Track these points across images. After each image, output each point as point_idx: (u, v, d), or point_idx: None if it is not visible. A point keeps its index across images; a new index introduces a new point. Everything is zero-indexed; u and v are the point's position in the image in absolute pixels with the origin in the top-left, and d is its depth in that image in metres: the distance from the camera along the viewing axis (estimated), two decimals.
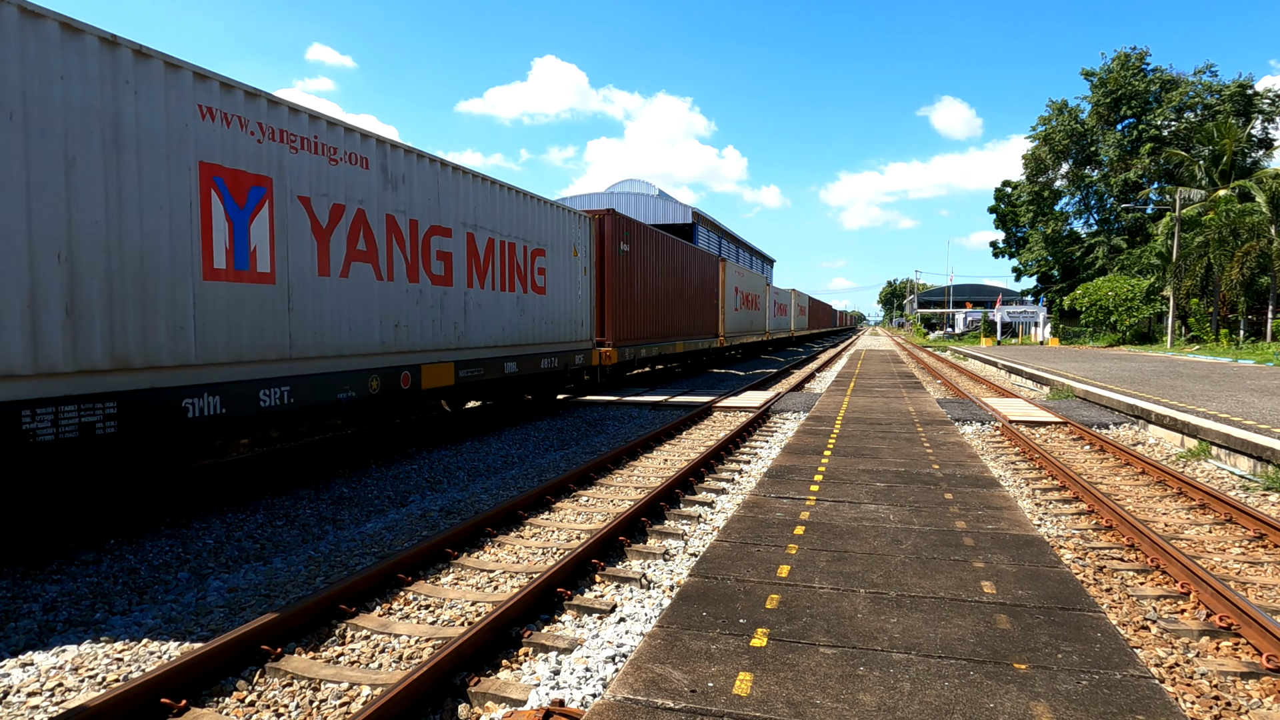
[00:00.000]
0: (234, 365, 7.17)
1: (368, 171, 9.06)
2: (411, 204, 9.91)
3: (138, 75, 6.30)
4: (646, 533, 6.72)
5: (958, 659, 3.48)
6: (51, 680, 4.13)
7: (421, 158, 10.17)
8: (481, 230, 11.59)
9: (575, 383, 15.88)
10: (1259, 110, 50.81)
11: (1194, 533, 6.90)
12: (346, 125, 8.77)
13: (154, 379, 6.36)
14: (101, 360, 5.93)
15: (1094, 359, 28.79)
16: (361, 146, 8.97)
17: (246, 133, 7.36)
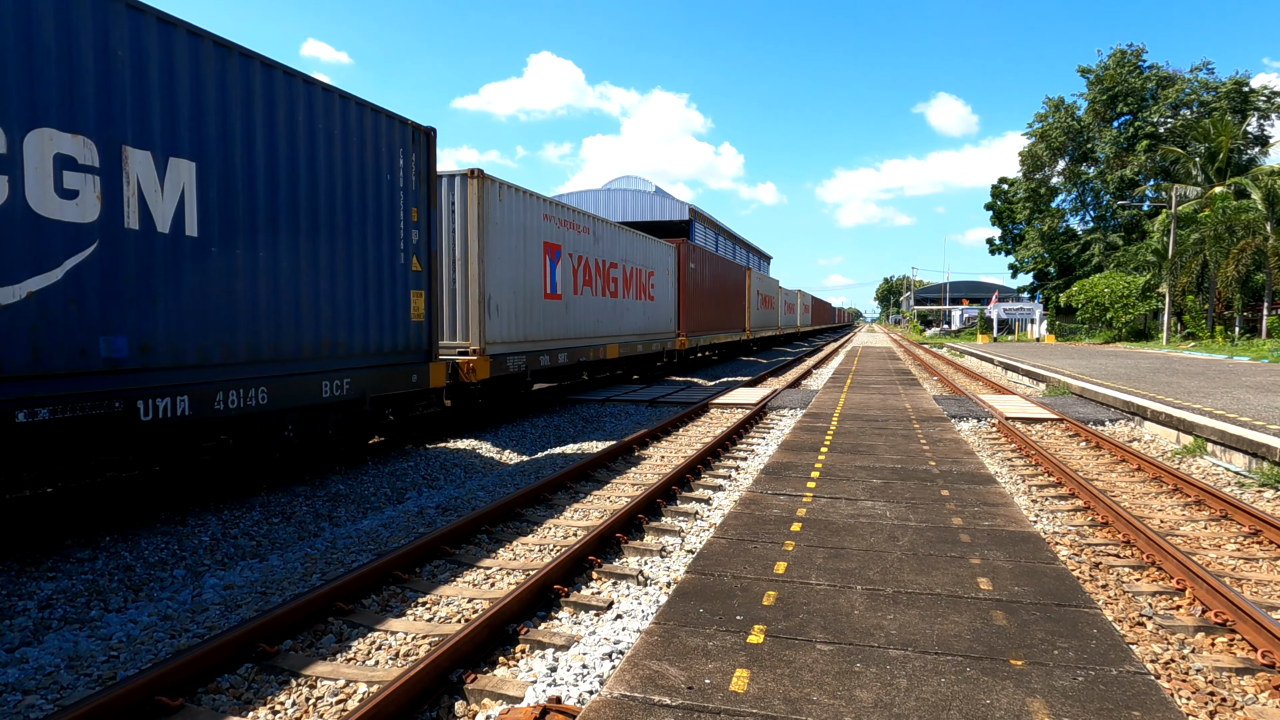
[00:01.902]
0: (548, 339, 14.03)
1: (588, 235, 16.12)
2: (602, 251, 16.90)
3: (529, 205, 13.29)
4: (644, 529, 6.72)
5: (954, 655, 3.49)
6: (46, 678, 4.12)
7: (607, 222, 17.41)
8: (627, 262, 18.64)
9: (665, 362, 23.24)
10: (1255, 107, 50.88)
11: (1189, 529, 6.92)
12: (581, 211, 15.81)
13: (530, 347, 13.20)
14: (514, 335, 12.70)
15: (1090, 356, 28.85)
16: (585, 221, 15.99)
17: (554, 223, 14.37)
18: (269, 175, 7.36)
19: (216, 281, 6.82)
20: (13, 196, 5.23)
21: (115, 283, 5.95)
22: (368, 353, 8.76)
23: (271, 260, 7.43)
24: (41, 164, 5.40)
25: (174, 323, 6.44)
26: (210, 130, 6.73)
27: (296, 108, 7.67)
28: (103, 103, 5.82)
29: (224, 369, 6.90)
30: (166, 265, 6.37)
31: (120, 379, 6.00)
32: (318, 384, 7.96)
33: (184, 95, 6.48)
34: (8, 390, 5.20)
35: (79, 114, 5.67)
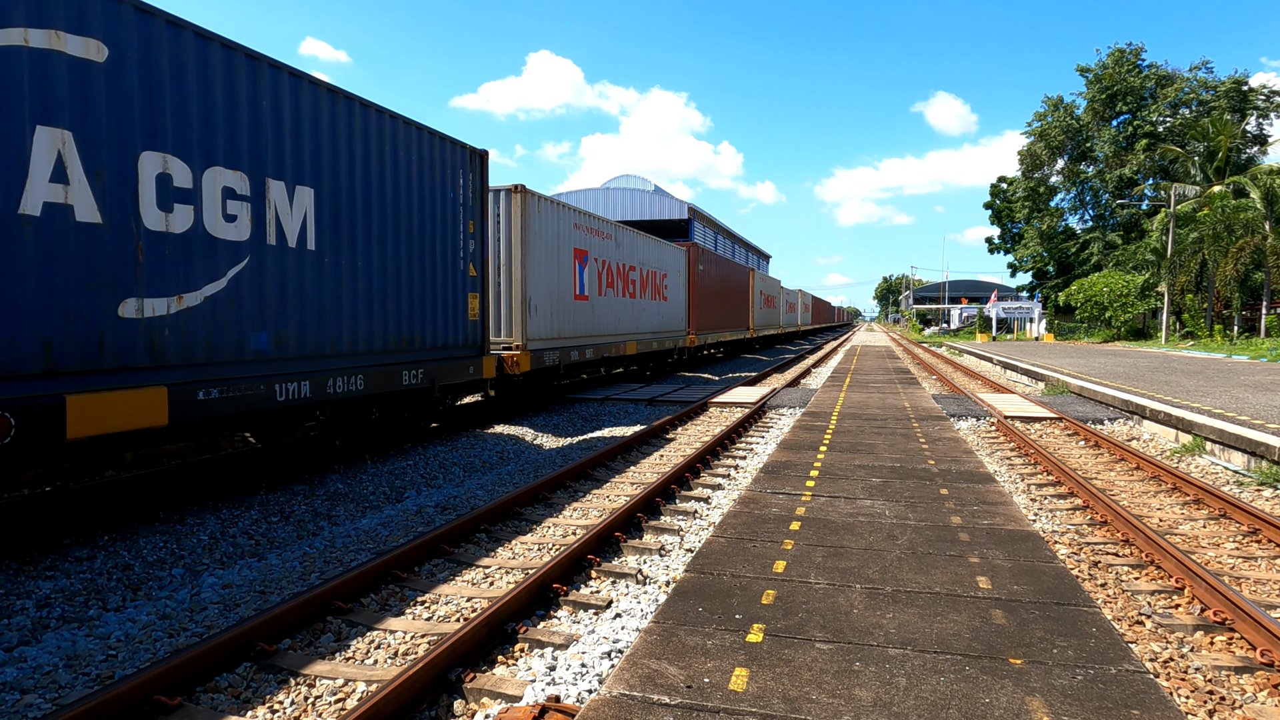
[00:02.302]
0: (577, 337, 15.34)
1: (610, 241, 17.46)
2: (622, 255, 18.28)
3: (561, 215, 14.57)
4: (643, 528, 6.72)
5: (953, 654, 3.49)
6: (45, 677, 4.12)
7: (626, 229, 18.74)
8: (644, 265, 19.97)
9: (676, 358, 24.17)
10: (1254, 107, 50.90)
11: (1188, 528, 6.92)
12: (604, 219, 17.21)
13: (563, 343, 14.49)
14: (552, 333, 14.08)
15: (1089, 354, 28.87)
16: (608, 228, 17.46)
17: (581, 231, 15.70)
18: (364, 197, 8.70)
19: (329, 287, 8.16)
20: (196, 221, 6.60)
21: (261, 288, 7.26)
22: (435, 347, 10.09)
23: (366, 268, 8.75)
24: (213, 194, 6.76)
25: (299, 321, 7.75)
26: (324, 161, 8.06)
27: (384, 138, 8.99)
28: (252, 144, 7.14)
29: (333, 359, 8.25)
30: (295, 273, 7.69)
31: (263, 367, 7.31)
32: (399, 373, 9.23)
33: (306, 133, 7.80)
34: (192, 374, 6.58)
35: (237, 154, 7.00)
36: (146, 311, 6.19)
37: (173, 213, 6.40)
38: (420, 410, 10.29)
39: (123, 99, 5.97)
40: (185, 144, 6.50)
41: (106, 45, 5.83)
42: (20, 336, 5.32)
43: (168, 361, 6.36)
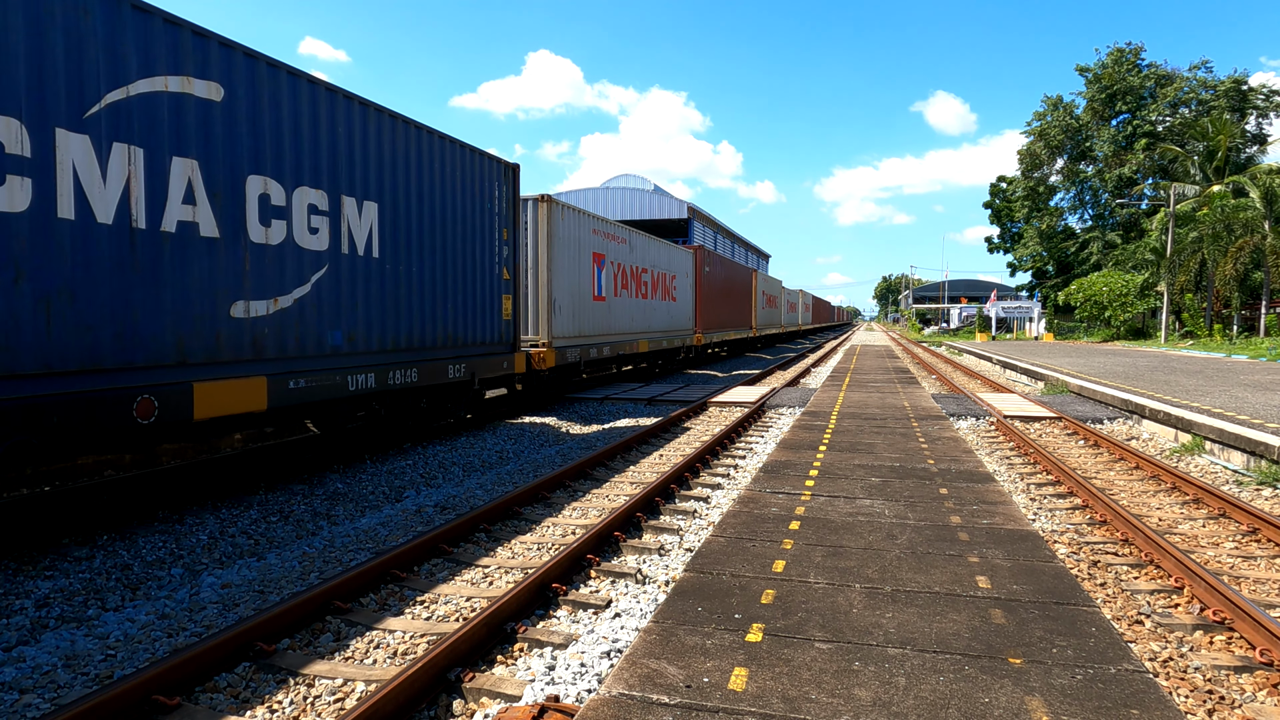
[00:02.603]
0: (596, 335, 16.26)
1: (625, 245, 18.49)
2: (635, 258, 19.29)
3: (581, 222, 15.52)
4: (642, 528, 6.71)
5: (953, 654, 3.48)
6: (44, 677, 4.11)
7: (638, 233, 19.73)
8: (655, 267, 21.03)
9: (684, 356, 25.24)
10: (1253, 106, 50.89)
11: (1188, 527, 6.92)
12: (619, 224, 18.24)
13: (583, 341, 15.38)
14: (573, 331, 15.00)
15: (1088, 354, 28.87)
16: (622, 233, 18.42)
17: (599, 236, 16.72)
18: (418, 209, 9.74)
19: (389, 290, 9.22)
20: (288, 234, 7.67)
21: (336, 292, 8.34)
22: (475, 344, 11.16)
23: (419, 273, 9.79)
24: (301, 210, 7.81)
25: (366, 320, 8.82)
26: (385, 178, 9.11)
27: (433, 155, 10.04)
28: (330, 165, 8.21)
29: (393, 354, 9.31)
30: (363, 278, 8.74)
31: (338, 360, 8.38)
32: (445, 367, 10.30)
33: (371, 154, 8.86)
34: (285, 366, 7.62)
35: (319, 174, 8.04)
36: (251, 312, 7.25)
37: (270, 227, 7.48)
38: (462, 401, 11.40)
39: (234, 131, 7.03)
40: (280, 167, 7.57)
41: (223, 86, 6.90)
42: (162, 333, 6.39)
43: (267, 355, 7.43)
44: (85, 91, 5.76)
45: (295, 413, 8.62)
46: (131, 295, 6.14)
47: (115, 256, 6.02)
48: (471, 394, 11.42)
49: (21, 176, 5.36)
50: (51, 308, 5.59)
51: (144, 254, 6.23)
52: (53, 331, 5.59)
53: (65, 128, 5.63)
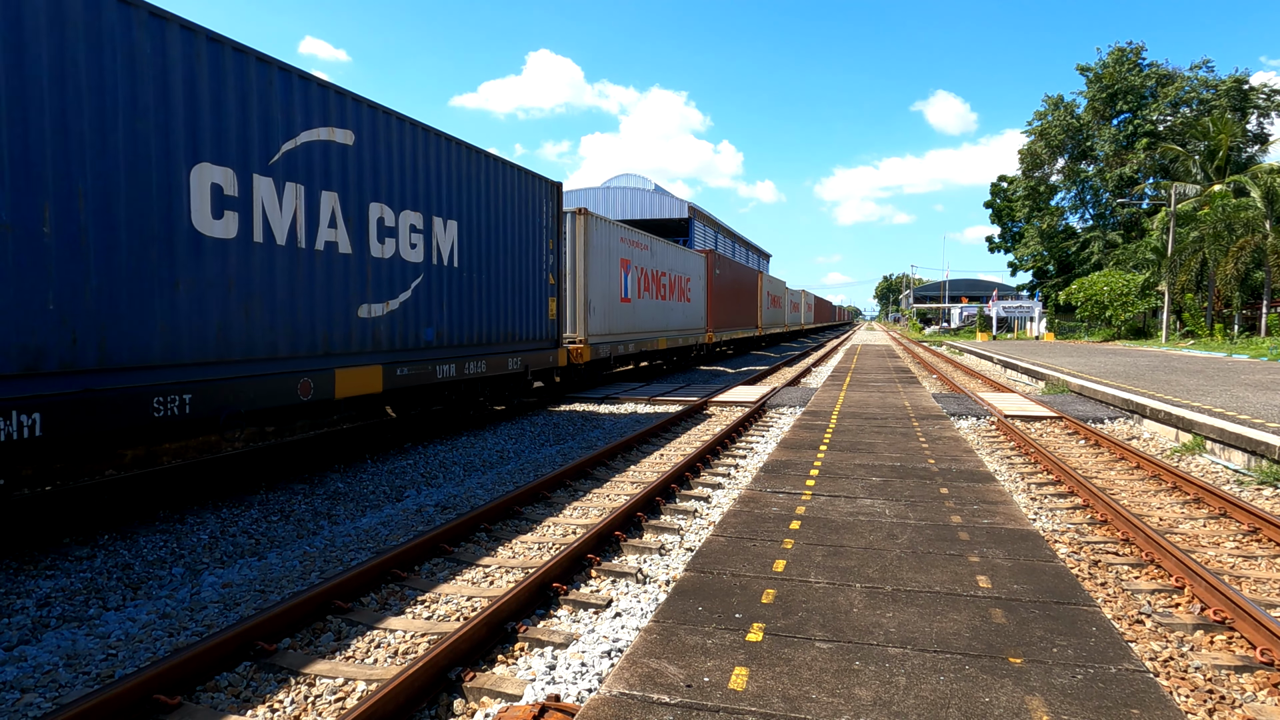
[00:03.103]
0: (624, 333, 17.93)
1: (647, 251, 20.10)
2: (656, 263, 20.92)
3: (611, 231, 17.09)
4: (643, 527, 6.71)
5: (953, 653, 3.49)
6: (45, 676, 4.12)
7: (658, 240, 21.35)
8: (672, 271, 22.64)
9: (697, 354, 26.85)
10: (1254, 105, 50.84)
11: (1188, 527, 6.92)
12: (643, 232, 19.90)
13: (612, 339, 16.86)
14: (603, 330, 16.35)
15: (1089, 354, 28.86)
16: (645, 240, 20.01)
17: (626, 244, 18.31)
18: (485, 225, 11.42)
19: (466, 294, 10.87)
20: (395, 249, 9.31)
21: (429, 296, 9.96)
22: (528, 340, 12.82)
23: (487, 279, 11.46)
24: (405, 230, 9.49)
25: (449, 320, 10.44)
26: (462, 199, 10.76)
27: (495, 177, 11.71)
28: (424, 190, 9.89)
29: (468, 349, 10.95)
30: (447, 285, 10.38)
31: (429, 353, 9.98)
32: (506, 360, 11.95)
33: (452, 179, 10.51)
34: (393, 357, 9.27)
35: (416, 198, 9.71)
36: (371, 313, 8.93)
37: (384, 244, 9.15)
38: (517, 390, 13.18)
39: (361, 167, 8.70)
40: (390, 194, 9.22)
41: (354, 132, 8.59)
42: (314, 329, 8.04)
43: (381, 348, 9.08)
44: (270, 143, 7.48)
45: (398, 396, 10.26)
46: (296, 300, 7.82)
47: (287, 270, 7.69)
48: (525, 384, 13.21)
49: (233, 211, 7.05)
50: (249, 310, 7.21)
51: (304, 268, 7.93)
52: (250, 328, 7.23)
53: (258, 173, 7.33)
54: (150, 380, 6.27)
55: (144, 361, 6.25)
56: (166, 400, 6.35)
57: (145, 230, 6.25)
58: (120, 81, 6.02)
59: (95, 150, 5.84)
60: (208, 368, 6.81)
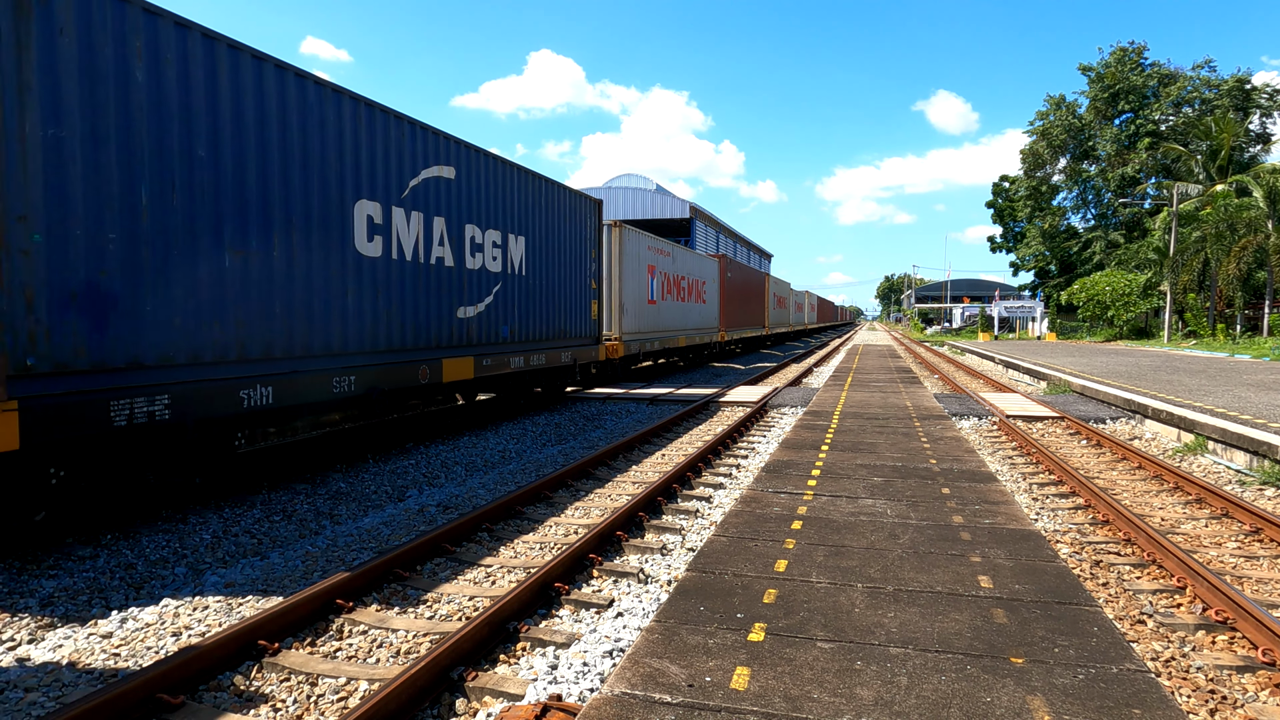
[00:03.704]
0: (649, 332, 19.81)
1: (669, 258, 22.12)
2: (676, 268, 22.88)
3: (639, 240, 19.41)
4: (645, 527, 6.72)
5: (955, 653, 3.49)
6: (48, 676, 4.13)
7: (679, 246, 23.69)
8: (690, 275, 24.69)
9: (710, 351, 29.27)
10: (1257, 105, 50.76)
11: (1190, 527, 6.92)
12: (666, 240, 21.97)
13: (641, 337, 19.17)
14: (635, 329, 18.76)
15: (1091, 354, 28.83)
16: (667, 247, 21.99)
17: (652, 251, 20.43)
18: (546, 239, 13.51)
19: (531, 298, 12.99)
20: (482, 262, 11.38)
21: (505, 300, 12.05)
22: (576, 337, 14.88)
23: (547, 285, 13.56)
24: (489, 245, 11.53)
25: (520, 319, 12.57)
26: (528, 218, 12.83)
27: (552, 198, 13.78)
28: (502, 212, 11.96)
29: (533, 344, 13.08)
30: (518, 290, 12.49)
31: (506, 347, 12.10)
32: (559, 354, 14.05)
33: (523, 203, 12.68)
34: (481, 350, 11.29)
35: (496, 218, 11.77)
36: (465, 314, 10.99)
37: (474, 257, 11.19)
38: (567, 380, 15.64)
39: (459, 196, 10.74)
40: (478, 216, 11.25)
41: (455, 168, 10.64)
42: (428, 327, 10.12)
43: (472, 342, 11.15)
44: (402, 180, 9.53)
45: (481, 383, 12.59)
46: (417, 304, 9.85)
47: (412, 280, 9.75)
48: (573, 376, 15.49)
49: (379, 235, 9.11)
50: (389, 313, 9.30)
51: (423, 278, 9.96)
52: (389, 327, 9.33)
53: (394, 205, 9.37)
54: (331, 365, 8.31)
55: (327, 351, 8.28)
56: (341, 381, 8.44)
57: (330, 252, 8.33)
58: (313, 139, 8.06)
59: (301, 193, 7.92)
60: (364, 356, 8.85)
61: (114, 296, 6.05)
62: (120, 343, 6.07)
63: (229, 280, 7.07)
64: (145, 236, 6.29)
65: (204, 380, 6.79)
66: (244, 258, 7.20)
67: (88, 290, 5.86)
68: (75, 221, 5.75)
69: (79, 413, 5.70)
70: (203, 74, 6.73)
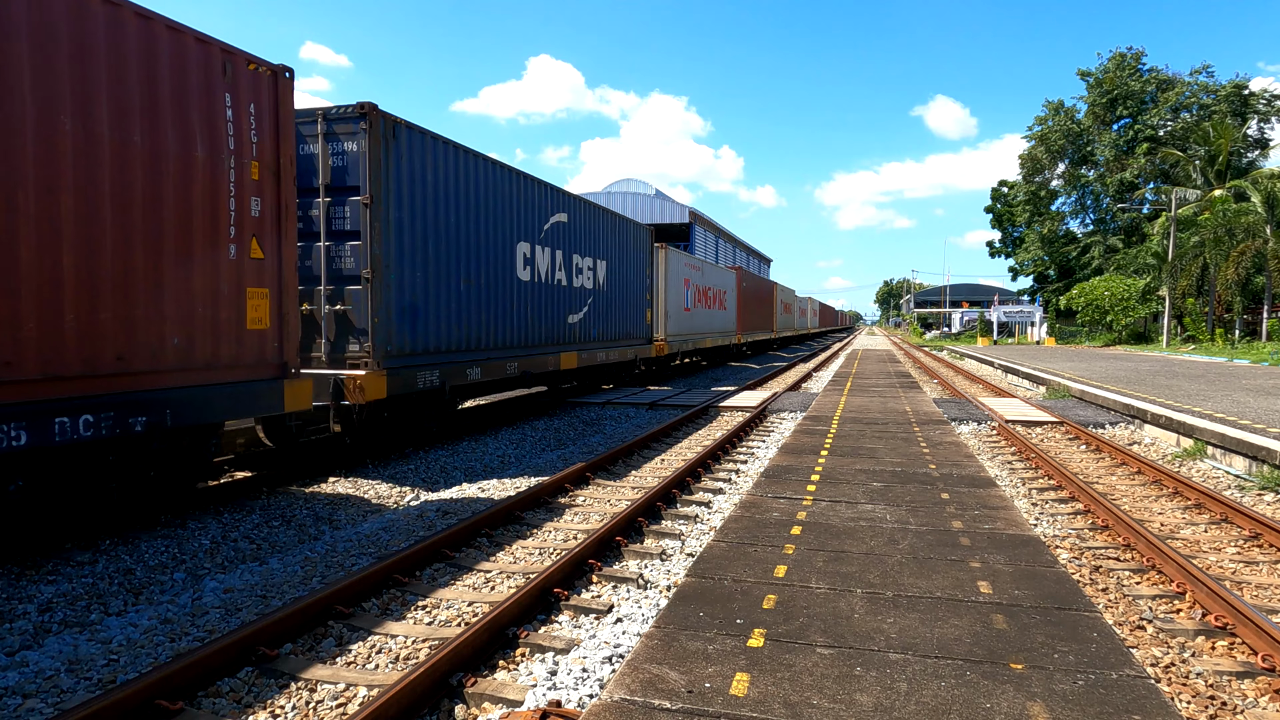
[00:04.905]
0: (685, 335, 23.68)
1: (699, 271, 25.94)
2: (704, 280, 26.33)
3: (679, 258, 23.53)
4: (644, 533, 6.72)
5: (954, 659, 3.49)
6: (46, 681, 4.12)
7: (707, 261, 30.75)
8: (714, 286, 28.24)
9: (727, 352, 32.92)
10: (1255, 110, 50.91)
11: (1190, 532, 6.92)
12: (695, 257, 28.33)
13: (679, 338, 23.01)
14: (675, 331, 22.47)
15: (1090, 358, 28.85)
16: (698, 263, 26.19)
17: (687, 266, 24.40)
18: (618, 261, 17.45)
19: (609, 307, 16.78)
20: (581, 281, 15.22)
21: (594, 309, 15.79)
22: (636, 338, 18.92)
23: (619, 297, 17.56)
24: (585, 268, 15.40)
25: (602, 324, 16.37)
26: (608, 246, 16.75)
27: (622, 228, 17.84)
28: (592, 242, 15.74)
29: (610, 343, 16.93)
30: (602, 301, 16.30)
31: (595, 345, 15.98)
32: (626, 351, 18.00)
33: (604, 234, 16.49)
34: (579, 347, 15.06)
35: (591, 248, 15.70)
36: (571, 320, 14.78)
37: (577, 278, 15.05)
38: (629, 373, 19.71)
39: (570, 233, 14.62)
40: (580, 247, 15.14)
41: (568, 214, 14.52)
42: (551, 330, 13.72)
43: (575, 341, 14.97)
44: (540, 225, 13.40)
45: (582, 373, 16.53)
46: (547, 313, 13.73)
47: (544, 297, 13.61)
48: (633, 370, 19.67)
49: (528, 265, 12.89)
50: (534, 321, 13.17)
51: (550, 295, 13.84)
52: (534, 330, 13.19)
53: (536, 243, 13.24)
54: (505, 355, 12.16)
55: (502, 346, 12.13)
56: (510, 366, 12.24)
57: (503, 278, 12.07)
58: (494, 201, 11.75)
59: (489, 240, 11.63)
60: (521, 350, 12.71)
61: (417, 311, 9.89)
62: (419, 339, 9.95)
63: (461, 299, 10.92)
64: (430, 274, 10.14)
65: (452, 362, 10.67)
66: (467, 285, 11.02)
67: (409, 308, 9.71)
68: (405, 268, 9.57)
69: (404, 379, 9.51)
70: (452, 168, 10.57)
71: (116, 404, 5.81)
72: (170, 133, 6.24)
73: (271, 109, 7.27)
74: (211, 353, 6.68)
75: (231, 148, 6.83)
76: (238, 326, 6.93)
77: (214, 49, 6.68)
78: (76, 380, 5.58)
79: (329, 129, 8.84)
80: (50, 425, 5.33)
